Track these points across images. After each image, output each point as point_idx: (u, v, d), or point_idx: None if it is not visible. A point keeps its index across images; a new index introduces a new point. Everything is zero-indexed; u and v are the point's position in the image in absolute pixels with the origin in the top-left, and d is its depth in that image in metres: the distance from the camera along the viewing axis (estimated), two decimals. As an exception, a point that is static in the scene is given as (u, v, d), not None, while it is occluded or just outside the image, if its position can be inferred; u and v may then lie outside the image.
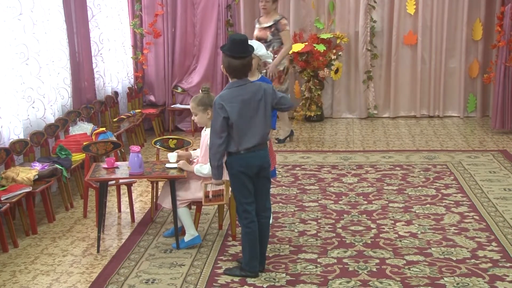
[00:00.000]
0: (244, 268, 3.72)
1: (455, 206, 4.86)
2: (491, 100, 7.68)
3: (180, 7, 7.52)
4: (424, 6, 8.00)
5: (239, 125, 3.50)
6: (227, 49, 3.56)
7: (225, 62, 3.57)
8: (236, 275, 3.71)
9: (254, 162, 3.59)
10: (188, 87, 7.66)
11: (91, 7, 6.44)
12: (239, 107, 3.49)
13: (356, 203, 4.99)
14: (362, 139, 7.21)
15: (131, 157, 4.12)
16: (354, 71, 8.26)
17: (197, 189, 4.12)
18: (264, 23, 6.54)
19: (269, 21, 6.52)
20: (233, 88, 3.55)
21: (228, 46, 3.57)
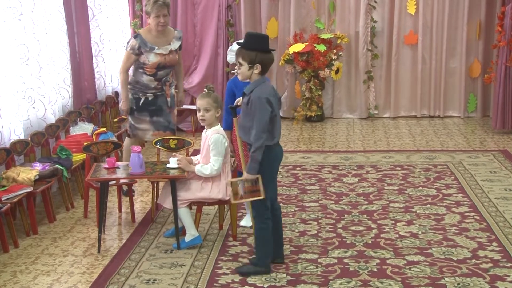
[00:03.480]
0: (257, 264, 3.74)
1: (456, 206, 4.86)
2: (492, 100, 7.68)
3: (181, 8, 7.52)
4: (425, 6, 8.00)
5: (275, 119, 3.62)
6: (260, 45, 3.61)
7: (265, 59, 3.61)
8: (250, 273, 3.72)
9: (280, 156, 3.73)
10: (189, 87, 7.66)
11: (91, 7, 6.44)
12: (275, 101, 3.64)
13: (356, 203, 4.99)
14: (363, 139, 7.21)
15: (132, 157, 4.12)
16: (354, 71, 8.26)
17: (197, 189, 4.12)
18: (167, 45, 5.11)
19: (171, 40, 5.15)
20: (266, 83, 3.67)
21: (258, 42, 3.61)
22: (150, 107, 5.18)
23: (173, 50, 5.13)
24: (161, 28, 5.04)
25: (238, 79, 4.35)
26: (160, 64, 5.08)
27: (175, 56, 5.17)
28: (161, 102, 5.18)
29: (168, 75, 5.20)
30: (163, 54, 5.07)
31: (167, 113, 5.22)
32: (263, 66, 3.61)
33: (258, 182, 3.63)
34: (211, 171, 4.05)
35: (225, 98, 4.43)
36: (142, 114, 5.19)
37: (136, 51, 5.03)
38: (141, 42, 5.02)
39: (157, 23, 4.99)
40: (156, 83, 5.14)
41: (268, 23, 8.16)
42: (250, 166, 3.59)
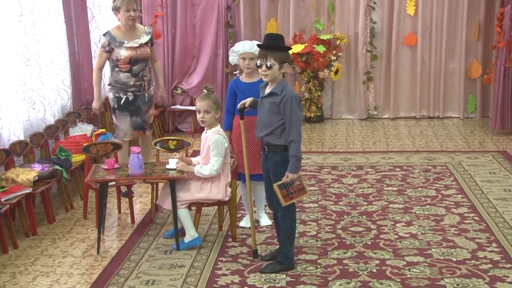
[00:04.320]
0: (283, 262, 3.78)
1: (455, 207, 4.85)
2: (491, 101, 7.68)
3: (180, 8, 7.52)
4: (424, 7, 8.00)
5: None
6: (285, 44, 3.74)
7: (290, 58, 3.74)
8: (277, 271, 3.76)
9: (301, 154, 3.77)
10: (188, 88, 7.66)
11: (91, 8, 6.44)
12: None
13: (356, 204, 4.98)
14: (362, 140, 7.20)
15: (131, 158, 4.12)
16: (354, 72, 8.26)
17: (197, 190, 4.12)
18: (137, 39, 5.19)
19: (140, 35, 5.23)
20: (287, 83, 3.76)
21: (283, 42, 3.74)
22: (130, 107, 5.28)
23: (143, 44, 5.22)
24: (131, 23, 5.14)
25: (240, 80, 4.36)
26: (132, 58, 5.17)
27: (147, 50, 5.26)
28: (140, 102, 5.31)
29: (144, 70, 5.28)
30: (133, 47, 5.16)
31: (144, 112, 5.36)
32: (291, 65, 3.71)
33: (300, 180, 3.69)
34: (210, 172, 4.05)
35: (226, 99, 4.42)
36: (123, 113, 5.29)
37: (106, 48, 5.15)
38: (111, 38, 5.14)
39: (127, 18, 5.09)
40: (134, 79, 5.23)
41: (267, 24, 8.15)
42: (294, 165, 3.62)
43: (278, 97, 3.62)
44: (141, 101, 5.32)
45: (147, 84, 5.34)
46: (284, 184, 3.67)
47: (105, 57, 5.19)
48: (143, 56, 5.23)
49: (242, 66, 4.32)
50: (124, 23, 5.14)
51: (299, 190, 3.70)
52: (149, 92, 5.38)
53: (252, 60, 4.26)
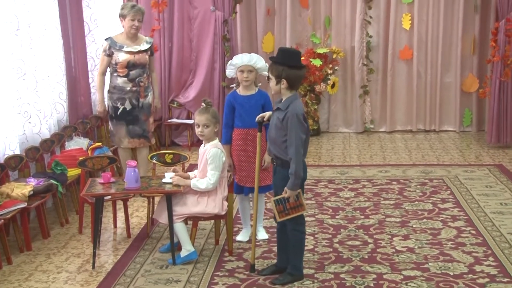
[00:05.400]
0: (293, 273, 3.79)
1: (452, 221, 4.85)
2: (487, 115, 7.71)
3: (177, 22, 7.55)
4: (419, 21, 8.06)
5: (308, 135, 3.68)
6: (287, 60, 3.63)
7: (291, 74, 3.62)
8: (288, 282, 3.76)
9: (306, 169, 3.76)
10: (185, 102, 7.66)
11: (87, 23, 6.46)
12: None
13: (353, 217, 4.97)
14: (359, 154, 7.21)
15: (127, 172, 4.11)
16: (350, 85, 8.29)
17: (193, 204, 4.10)
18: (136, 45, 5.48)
19: (141, 43, 5.53)
20: (298, 99, 3.70)
21: (286, 57, 3.64)
22: (127, 116, 5.54)
23: (143, 50, 5.51)
24: (134, 31, 5.46)
25: (237, 93, 4.37)
26: (130, 62, 5.44)
27: (145, 57, 5.53)
28: (137, 111, 5.55)
29: (141, 76, 5.51)
30: (132, 52, 5.45)
31: (143, 121, 5.59)
32: (290, 82, 3.62)
33: (299, 197, 3.67)
34: (207, 185, 4.04)
35: (224, 113, 4.42)
36: (120, 122, 5.56)
37: (107, 52, 5.45)
38: (111, 43, 5.45)
39: (131, 26, 5.42)
40: (130, 84, 5.48)
41: (264, 38, 8.20)
42: (293, 182, 3.60)
43: (282, 113, 3.63)
44: (138, 110, 5.54)
45: (144, 90, 5.55)
46: (281, 200, 3.66)
47: (107, 61, 5.47)
48: (141, 61, 5.49)
49: (240, 79, 4.33)
50: (127, 31, 5.45)
51: (296, 207, 3.68)
52: (146, 100, 5.59)
53: (250, 73, 4.28)
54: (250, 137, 4.27)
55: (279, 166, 3.70)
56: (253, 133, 4.18)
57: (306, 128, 3.63)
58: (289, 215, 3.69)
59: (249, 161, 4.28)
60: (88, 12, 6.47)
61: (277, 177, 3.74)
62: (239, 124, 4.33)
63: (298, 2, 8.18)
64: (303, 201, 3.69)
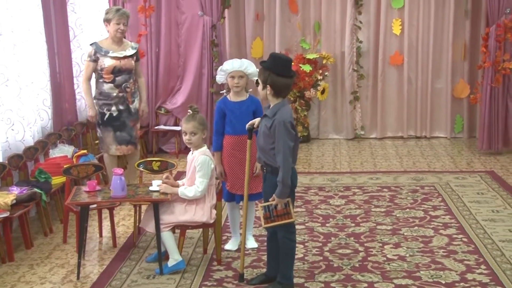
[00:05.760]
0: (283, 283, 3.78)
1: (444, 228, 4.87)
2: (478, 121, 7.77)
3: (164, 27, 7.55)
4: (410, 27, 8.13)
5: (297, 142, 3.68)
6: (274, 66, 3.61)
7: (277, 81, 3.61)
8: None
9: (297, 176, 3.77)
10: (172, 108, 7.65)
11: (72, 28, 6.45)
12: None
13: (343, 225, 4.98)
14: (349, 160, 7.23)
15: (113, 180, 4.09)
16: (340, 91, 8.33)
17: (181, 213, 4.09)
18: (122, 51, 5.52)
19: (126, 48, 5.57)
20: (286, 106, 3.69)
21: (279, 65, 3.62)
22: (114, 122, 5.58)
23: (128, 56, 5.55)
24: (120, 35, 5.52)
25: (228, 99, 4.38)
26: (116, 67, 5.47)
27: (131, 62, 5.58)
28: (124, 117, 5.60)
29: (127, 81, 5.56)
30: (118, 58, 5.48)
31: (130, 127, 5.64)
32: (275, 89, 3.61)
33: (288, 205, 3.66)
34: (195, 193, 4.04)
35: (214, 119, 4.42)
36: (107, 129, 5.60)
37: (93, 57, 5.47)
38: (97, 48, 5.49)
39: (116, 30, 5.47)
40: (117, 90, 5.52)
41: (253, 43, 8.22)
42: (281, 190, 3.60)
43: (270, 120, 3.63)
44: (125, 116, 5.58)
45: (130, 96, 5.60)
46: (269, 206, 3.67)
47: (92, 67, 5.48)
48: (126, 67, 5.53)
49: (231, 85, 4.33)
50: (113, 35, 5.49)
51: (283, 214, 3.68)
52: (133, 105, 5.63)
53: (241, 79, 4.29)
54: (241, 144, 4.27)
55: (269, 173, 3.71)
56: (244, 140, 4.18)
57: (294, 135, 3.63)
58: (274, 222, 3.69)
59: (240, 169, 4.28)
60: (73, 17, 6.46)
61: (267, 184, 3.75)
62: (230, 131, 4.33)
63: (287, 7, 8.21)
64: (291, 210, 3.68)
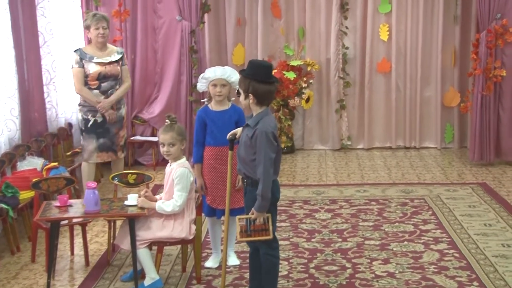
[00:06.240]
0: None
1: (434, 243, 4.91)
2: (469, 131, 7.85)
3: (140, 33, 7.55)
4: (398, 32, 8.21)
5: (279, 153, 3.69)
6: (254, 73, 3.62)
7: (259, 89, 3.61)
8: None
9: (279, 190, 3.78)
10: (149, 118, 7.64)
11: (42, 33, 6.41)
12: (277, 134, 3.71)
13: (330, 240, 5.00)
14: (336, 172, 7.27)
15: (86, 194, 4.07)
16: (326, 100, 8.38)
17: (158, 228, 4.08)
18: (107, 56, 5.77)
19: (112, 53, 5.83)
20: (270, 115, 3.70)
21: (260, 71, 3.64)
22: (98, 129, 5.81)
23: (114, 61, 5.78)
24: (101, 39, 5.72)
25: (209, 108, 4.38)
26: (101, 73, 5.71)
27: (117, 68, 5.81)
28: (109, 124, 5.82)
29: (113, 88, 5.79)
30: (103, 63, 5.71)
31: (113, 134, 5.87)
32: (258, 97, 3.62)
33: (267, 221, 3.65)
34: (173, 208, 4.02)
35: (195, 130, 4.42)
36: (90, 136, 5.81)
37: (80, 63, 5.69)
38: (81, 54, 5.71)
39: (97, 35, 5.70)
40: (102, 97, 5.75)
41: (234, 50, 8.26)
42: (260, 204, 3.59)
43: (251, 130, 3.64)
44: (110, 123, 5.81)
45: (116, 103, 5.82)
46: (247, 220, 3.67)
47: (82, 72, 5.68)
48: (112, 73, 5.77)
49: (213, 94, 4.34)
50: (95, 41, 5.73)
51: (261, 230, 3.65)
52: (119, 112, 5.83)
53: (223, 87, 4.30)
54: (223, 156, 4.28)
55: (250, 186, 3.71)
56: (226, 151, 4.19)
57: (277, 146, 3.64)
58: (250, 237, 3.68)
59: (222, 182, 4.28)
60: (43, 22, 6.43)
61: (248, 198, 3.75)
62: (211, 142, 4.33)
63: (270, 12, 8.26)
64: (270, 227, 3.64)
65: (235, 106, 4.42)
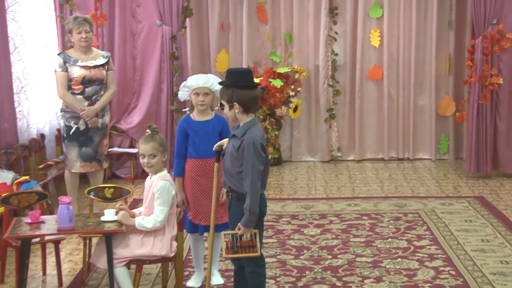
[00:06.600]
0: None
1: (429, 260, 4.95)
2: (465, 141, 7.90)
3: (118, 38, 7.55)
4: (390, 38, 8.28)
5: (267, 166, 3.68)
6: (236, 80, 3.64)
7: (243, 96, 3.62)
8: None
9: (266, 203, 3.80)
10: (128, 128, 7.63)
11: (13, 38, 6.39)
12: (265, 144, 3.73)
13: (319, 258, 5.02)
14: (325, 185, 7.31)
15: (60, 209, 4.05)
16: (314, 109, 8.42)
17: (137, 245, 4.07)
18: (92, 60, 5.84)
19: (97, 57, 5.89)
20: (257, 125, 3.70)
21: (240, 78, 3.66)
22: (80, 137, 5.82)
23: (99, 65, 5.83)
24: (84, 43, 5.78)
25: (191, 118, 4.40)
26: (86, 77, 5.74)
27: (102, 72, 5.85)
28: (92, 132, 5.85)
29: (97, 94, 5.83)
30: (87, 67, 5.76)
31: (96, 143, 5.89)
32: (243, 104, 3.63)
33: (255, 237, 3.65)
34: (154, 224, 4.02)
35: (176, 141, 4.43)
36: (72, 144, 5.83)
37: (64, 67, 5.73)
38: (65, 57, 5.77)
39: (79, 39, 5.77)
40: (86, 103, 5.77)
41: (217, 56, 8.29)
42: (248, 219, 3.59)
43: (238, 141, 3.65)
44: (93, 131, 5.83)
45: (100, 110, 5.84)
46: (234, 235, 3.68)
47: (65, 76, 5.70)
48: (97, 77, 5.80)
49: (195, 103, 4.36)
50: (78, 45, 5.79)
51: (248, 247, 3.65)
52: (103, 120, 5.87)
53: (206, 96, 4.32)
54: (206, 169, 4.29)
55: (235, 200, 3.72)
56: (209, 164, 4.20)
57: (265, 158, 3.66)
58: (237, 254, 3.68)
59: (204, 196, 4.29)
60: (13, 26, 6.41)
61: (233, 212, 3.76)
62: (194, 154, 4.34)
63: (255, 16, 8.31)
64: (258, 243, 3.65)
65: (218, 115, 4.44)
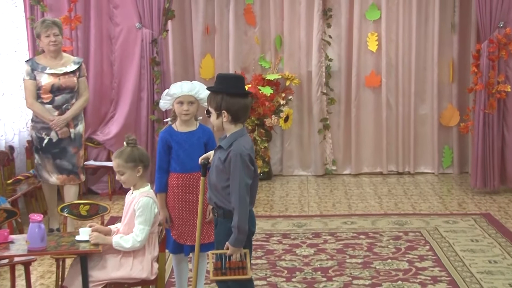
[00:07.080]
0: None
1: (432, 283, 4.96)
2: (470, 154, 7.94)
3: (94, 42, 7.55)
4: (388, 42, 8.32)
5: (256, 180, 3.68)
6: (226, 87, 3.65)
7: (232, 104, 3.63)
8: None
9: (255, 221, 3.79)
10: (105, 140, 7.61)
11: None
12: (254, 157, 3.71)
13: (313, 280, 5.03)
14: (319, 201, 7.32)
15: (30, 228, 4.03)
16: (307, 119, 8.45)
17: (115, 267, 4.06)
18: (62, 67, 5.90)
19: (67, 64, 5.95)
20: (245, 135, 3.71)
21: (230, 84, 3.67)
22: (53, 149, 5.91)
23: (69, 72, 5.89)
24: (53, 47, 5.83)
25: (174, 129, 4.40)
26: (54, 85, 5.81)
27: (72, 79, 5.91)
28: (66, 143, 5.93)
29: (68, 102, 5.90)
30: (56, 75, 5.83)
31: (71, 154, 5.97)
32: (232, 113, 3.64)
33: (245, 258, 3.65)
34: (133, 244, 4.02)
35: (158, 153, 4.42)
36: (46, 156, 5.93)
37: (32, 75, 5.80)
38: (32, 65, 5.84)
39: (48, 43, 5.82)
40: (56, 112, 5.85)
41: (202, 61, 8.31)
42: (236, 238, 3.58)
43: (224, 152, 3.65)
44: (66, 142, 5.91)
45: (72, 120, 5.92)
46: (221, 256, 3.68)
47: (33, 85, 5.79)
48: (67, 85, 5.87)
49: (179, 112, 4.35)
50: (47, 49, 5.86)
51: (237, 268, 3.64)
52: (76, 130, 5.94)
53: (191, 105, 4.31)
54: (191, 184, 4.29)
55: (221, 217, 3.72)
56: (195, 178, 4.21)
57: (253, 171, 3.66)
58: (225, 275, 3.66)
59: (190, 214, 4.29)
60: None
61: (219, 231, 3.76)
62: (177, 168, 4.34)
63: (243, 19, 8.34)
64: (248, 264, 3.65)
65: (203, 126, 4.45)
